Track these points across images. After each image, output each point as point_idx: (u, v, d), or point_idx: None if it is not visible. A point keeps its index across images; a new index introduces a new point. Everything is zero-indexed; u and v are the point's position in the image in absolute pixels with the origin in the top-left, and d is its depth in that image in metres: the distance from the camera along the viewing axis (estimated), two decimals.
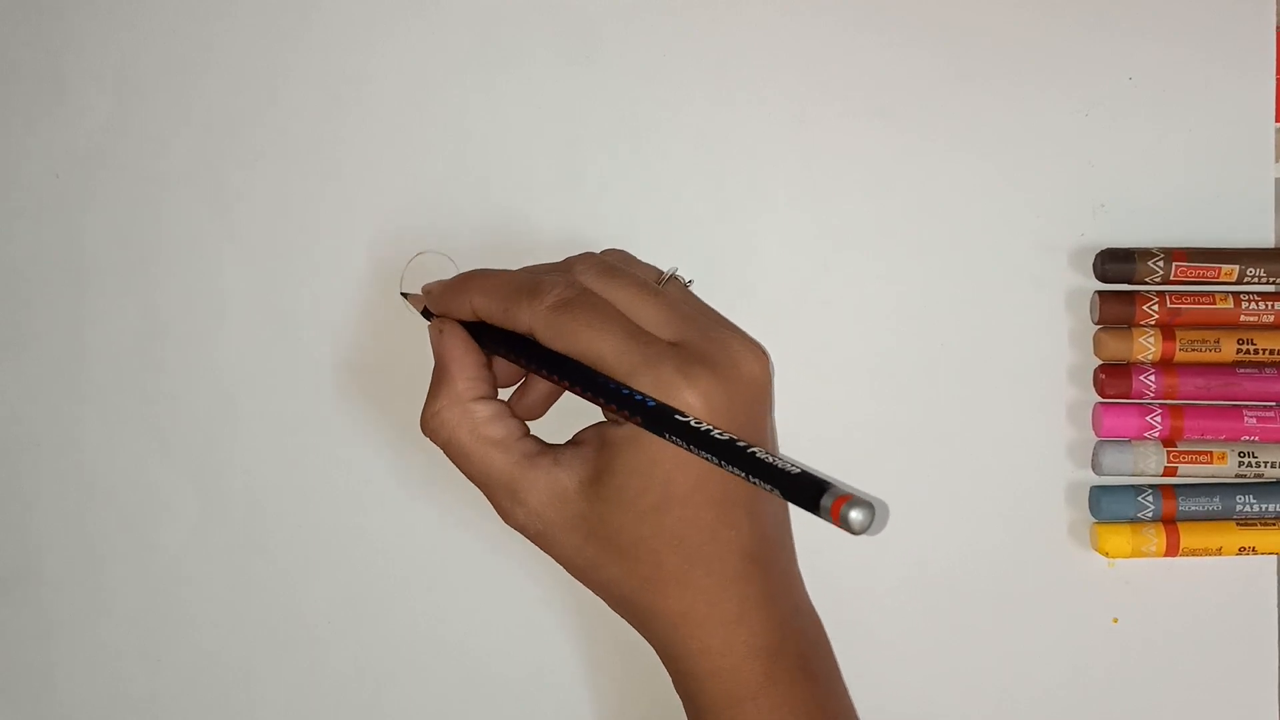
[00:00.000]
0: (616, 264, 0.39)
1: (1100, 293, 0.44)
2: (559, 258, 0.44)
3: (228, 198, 0.45)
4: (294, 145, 0.45)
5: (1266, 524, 0.43)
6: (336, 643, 0.45)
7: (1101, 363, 0.44)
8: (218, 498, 0.45)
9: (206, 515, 0.45)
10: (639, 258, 0.42)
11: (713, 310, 0.40)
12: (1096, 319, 0.44)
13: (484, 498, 0.38)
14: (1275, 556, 0.44)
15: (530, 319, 0.37)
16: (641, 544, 0.37)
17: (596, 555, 0.37)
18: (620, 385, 0.36)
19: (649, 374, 0.35)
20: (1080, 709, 0.44)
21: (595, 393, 0.36)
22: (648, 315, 0.37)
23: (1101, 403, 0.44)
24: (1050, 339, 0.44)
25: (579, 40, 0.45)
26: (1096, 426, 0.44)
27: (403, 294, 0.43)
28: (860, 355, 0.44)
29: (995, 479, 0.44)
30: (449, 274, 0.41)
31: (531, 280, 0.38)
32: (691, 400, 0.35)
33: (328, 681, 0.45)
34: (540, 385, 0.41)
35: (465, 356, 0.39)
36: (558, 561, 0.38)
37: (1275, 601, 0.44)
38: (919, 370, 0.44)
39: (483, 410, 0.38)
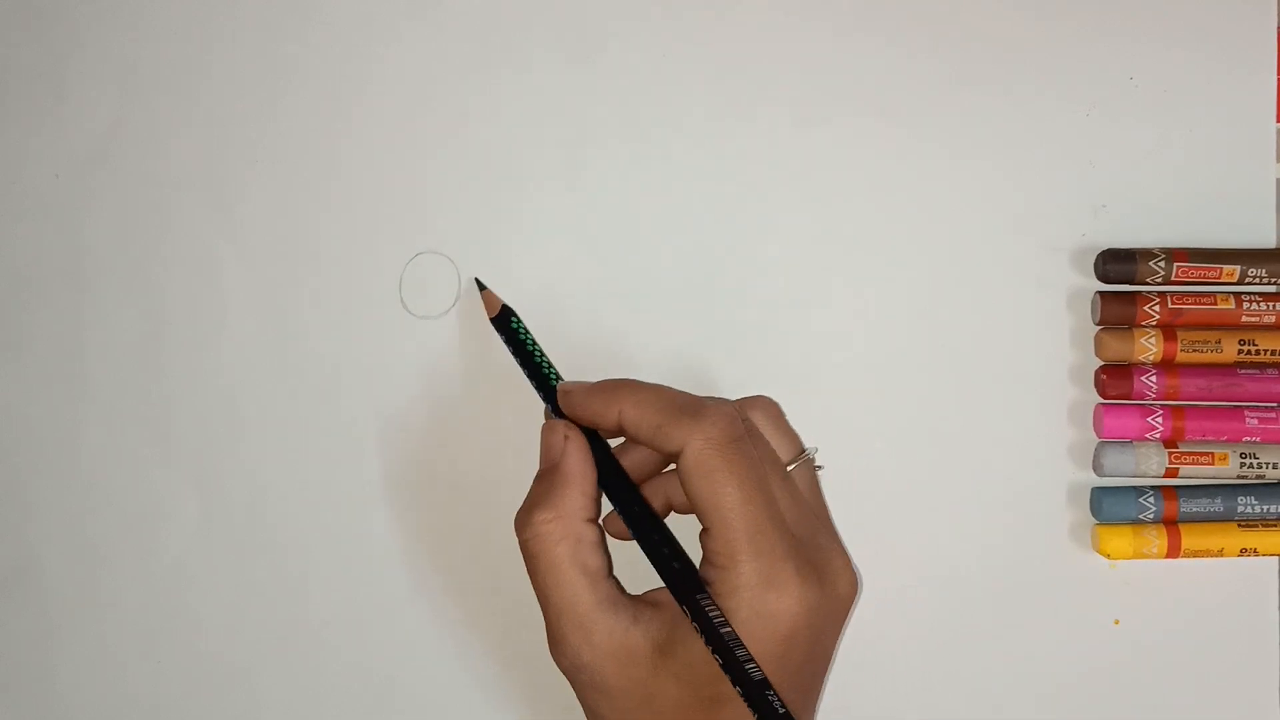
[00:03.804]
0: (769, 421, 0.39)
1: (1101, 293, 0.44)
2: (559, 258, 0.44)
3: (228, 199, 0.45)
4: (294, 146, 0.45)
5: (1268, 525, 0.43)
6: (337, 644, 0.44)
7: (1103, 363, 0.44)
8: (218, 498, 0.45)
9: (207, 515, 0.45)
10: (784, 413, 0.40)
11: (825, 508, 0.40)
12: (1098, 319, 0.44)
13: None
14: (1276, 558, 0.44)
15: (685, 441, 0.35)
16: None
17: None
18: (690, 582, 0.35)
19: (766, 561, 0.35)
20: (1081, 710, 0.44)
21: (662, 571, 0.36)
22: (778, 493, 0.36)
23: (1103, 404, 0.44)
24: (1051, 339, 0.44)
25: (580, 41, 0.45)
26: (1098, 427, 0.44)
27: (478, 281, 0.42)
28: (861, 356, 0.44)
29: (996, 480, 0.44)
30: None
31: (695, 402, 0.36)
32: (792, 605, 0.35)
33: (328, 682, 0.44)
34: None
35: (589, 472, 0.37)
36: (591, 713, 0.37)
37: (1276, 603, 0.44)
38: (919, 371, 0.44)
39: (589, 535, 0.37)
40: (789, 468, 0.38)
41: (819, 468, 0.40)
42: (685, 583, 0.36)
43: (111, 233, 0.45)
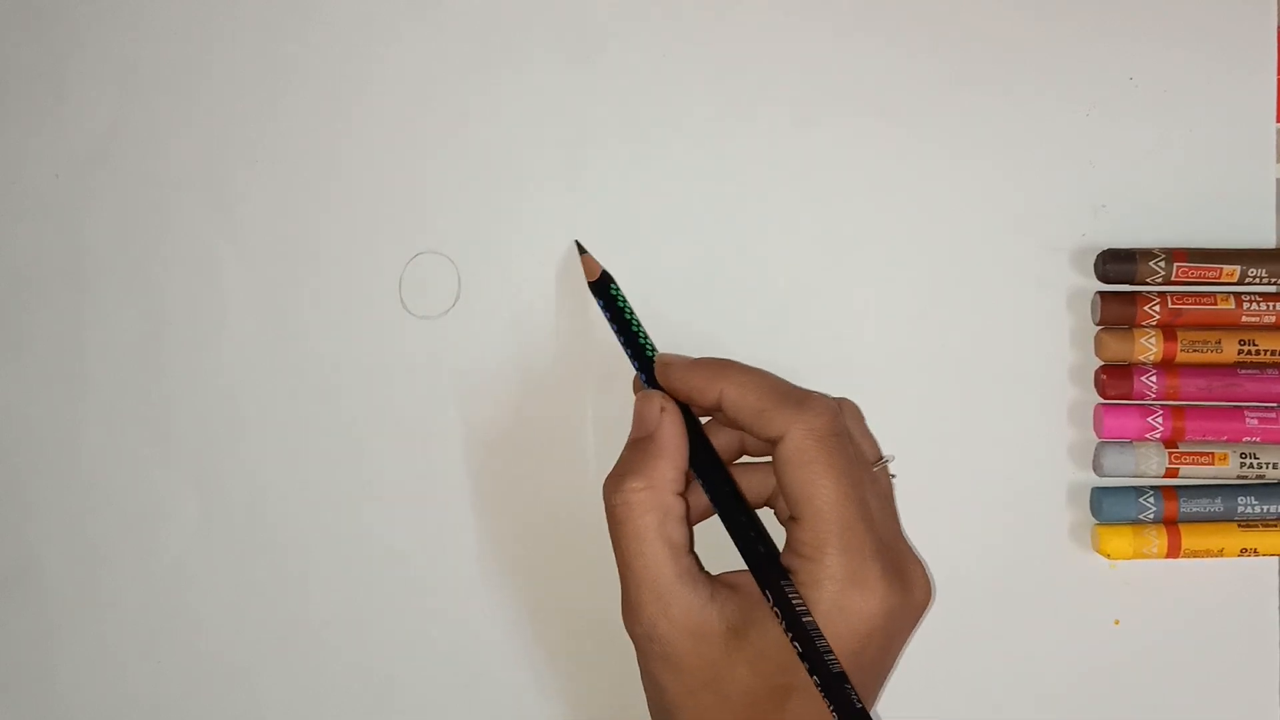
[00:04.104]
0: (854, 423, 0.39)
1: (1101, 293, 0.44)
2: (559, 259, 0.44)
3: (228, 199, 0.45)
4: (294, 146, 0.45)
5: (1268, 525, 0.43)
6: (337, 644, 0.44)
7: (1103, 363, 0.44)
8: (218, 498, 0.45)
9: (207, 515, 0.45)
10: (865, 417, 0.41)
11: (898, 515, 0.40)
12: (1097, 319, 0.44)
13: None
14: (1277, 558, 0.44)
15: (787, 428, 0.36)
16: (754, 712, 0.35)
17: (704, 703, 0.36)
18: (775, 568, 0.36)
19: (854, 557, 0.35)
20: (1081, 710, 0.44)
21: (747, 553, 0.37)
22: (869, 493, 0.37)
23: (1103, 404, 0.44)
24: (1051, 340, 0.44)
25: (580, 41, 0.45)
26: (1098, 428, 0.44)
27: (578, 245, 0.42)
28: (861, 356, 0.44)
29: (996, 480, 0.44)
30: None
31: (799, 391, 0.37)
32: (874, 605, 0.35)
33: (329, 683, 0.44)
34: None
35: (682, 445, 0.37)
36: (653, 686, 0.37)
37: (1276, 603, 0.44)
38: (919, 371, 0.44)
39: (677, 507, 0.37)
40: (873, 469, 0.39)
41: (894, 476, 0.40)
42: (770, 567, 0.36)
43: (111, 233, 0.45)
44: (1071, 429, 0.44)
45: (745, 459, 0.41)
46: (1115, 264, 0.43)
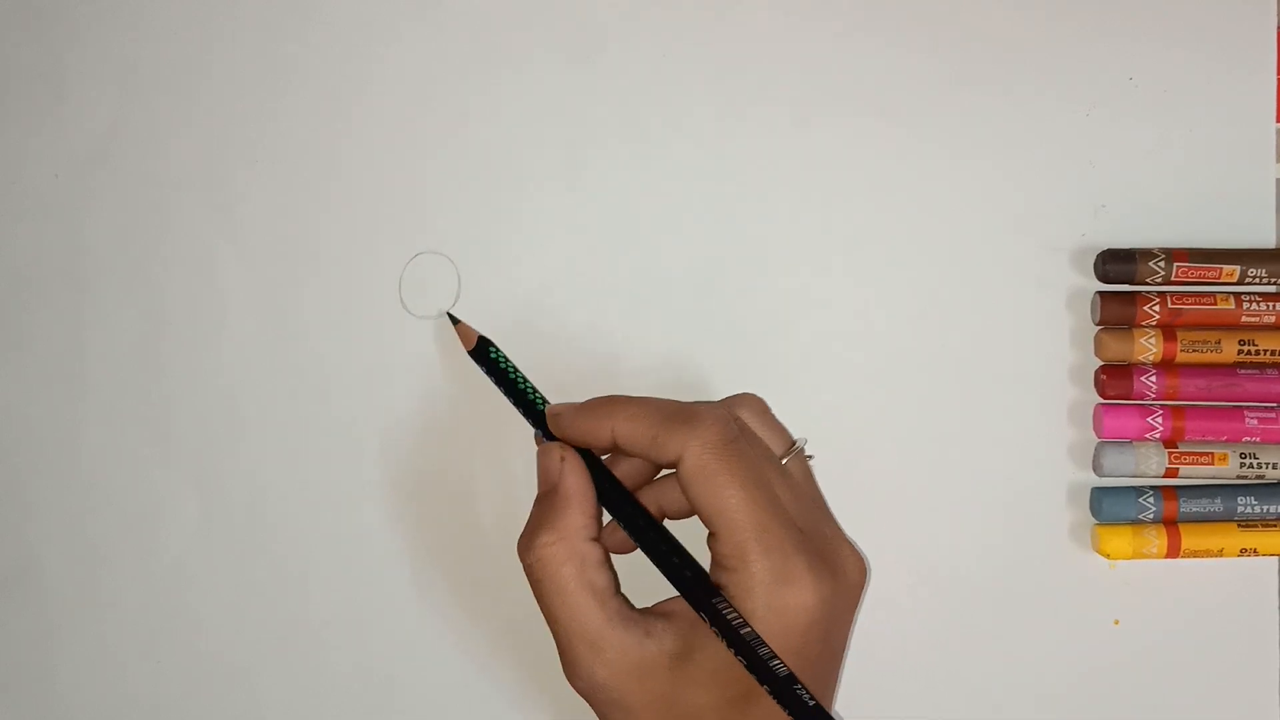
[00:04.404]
0: (756, 417, 0.39)
1: (1101, 293, 0.44)
2: (559, 259, 0.44)
3: (228, 199, 0.45)
4: (294, 146, 0.45)
5: (1268, 525, 0.43)
6: (337, 644, 0.44)
7: (1102, 363, 0.44)
8: (218, 498, 0.45)
9: (207, 515, 0.45)
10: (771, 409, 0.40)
11: (823, 497, 0.40)
12: (1097, 319, 0.44)
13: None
14: (1276, 558, 0.44)
15: (682, 449, 0.35)
16: None
17: None
18: (704, 588, 0.36)
19: (776, 557, 0.35)
20: (1081, 710, 0.44)
21: (674, 580, 0.36)
22: (779, 488, 0.37)
23: (1102, 404, 0.44)
24: (1051, 340, 0.44)
25: (580, 41, 0.45)
26: (1097, 428, 0.44)
27: (450, 316, 0.43)
28: (861, 356, 0.44)
29: (996, 480, 0.44)
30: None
31: (686, 409, 0.37)
32: (808, 598, 0.35)
33: (328, 682, 0.44)
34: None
35: (588, 491, 0.37)
36: None
37: (1276, 603, 0.44)
38: (919, 371, 0.44)
39: (593, 554, 0.36)
40: (783, 461, 0.38)
41: (810, 457, 0.40)
42: (699, 588, 0.36)
43: (111, 233, 0.45)
44: (1071, 429, 0.44)
45: (663, 473, 0.41)
46: (1115, 264, 0.43)
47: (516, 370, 0.41)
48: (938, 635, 0.44)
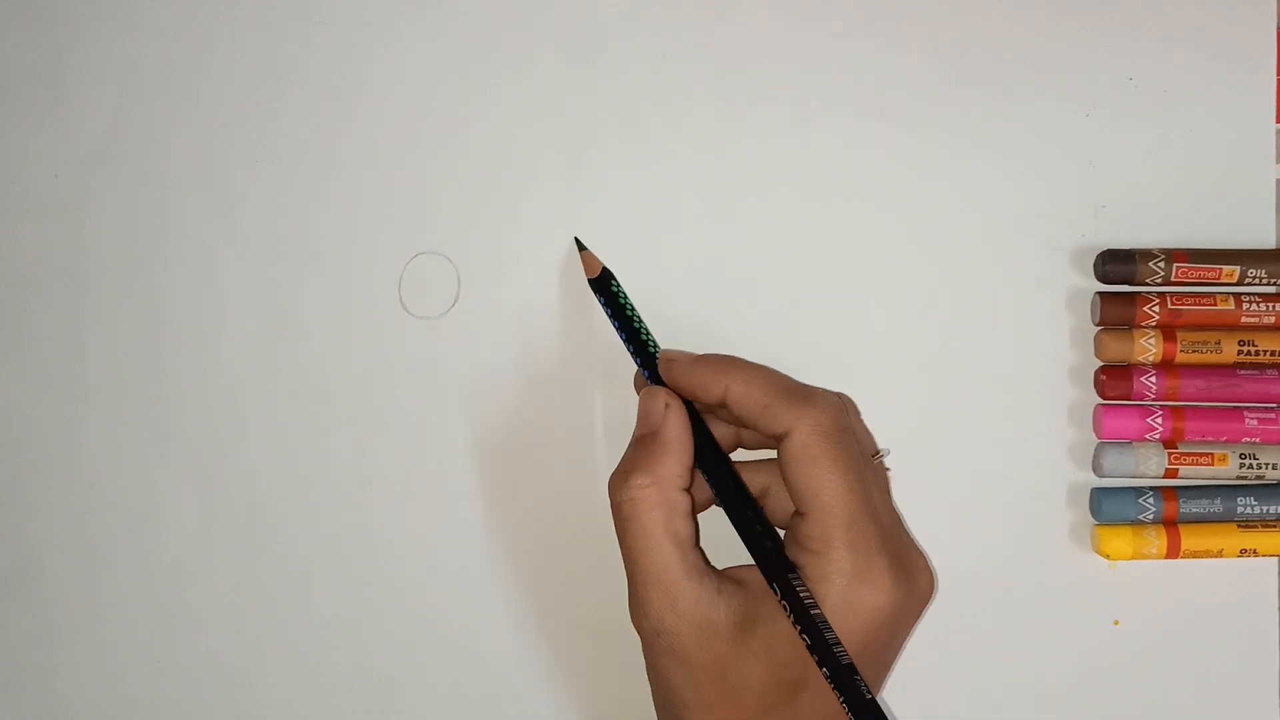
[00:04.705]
0: (853, 417, 0.39)
1: (1101, 293, 0.44)
2: (559, 260, 0.44)
3: (228, 198, 0.45)
4: (294, 146, 0.45)
5: (1268, 526, 0.43)
6: (338, 644, 0.44)
7: (1102, 364, 0.44)
8: (218, 498, 0.45)
9: (207, 515, 0.45)
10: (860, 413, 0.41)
11: (897, 508, 0.40)
12: (1097, 320, 0.44)
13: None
14: (1276, 559, 0.44)
15: (794, 424, 0.36)
16: (764, 706, 0.35)
17: (712, 699, 0.36)
18: (782, 561, 0.36)
19: (860, 551, 0.35)
20: (1081, 710, 0.44)
21: (753, 548, 0.37)
22: (873, 488, 0.37)
23: (1102, 404, 0.44)
24: (1051, 340, 0.44)
25: (580, 41, 0.45)
26: (1097, 428, 0.44)
27: (577, 241, 0.42)
28: (860, 356, 0.44)
29: (996, 480, 0.44)
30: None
31: (804, 388, 0.37)
32: (881, 599, 0.35)
33: (329, 683, 0.44)
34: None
35: (687, 441, 0.37)
36: (660, 682, 0.37)
37: (1276, 604, 0.44)
38: (919, 372, 0.44)
39: (683, 503, 0.37)
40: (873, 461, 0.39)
41: (889, 470, 0.41)
42: (777, 560, 0.36)
43: (111, 233, 0.45)
44: (1071, 429, 0.44)
45: (739, 454, 0.41)
46: (1115, 264, 0.43)
47: (635, 309, 0.41)
48: (937, 635, 0.44)
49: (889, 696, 0.44)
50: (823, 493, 0.35)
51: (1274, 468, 0.43)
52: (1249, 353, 0.43)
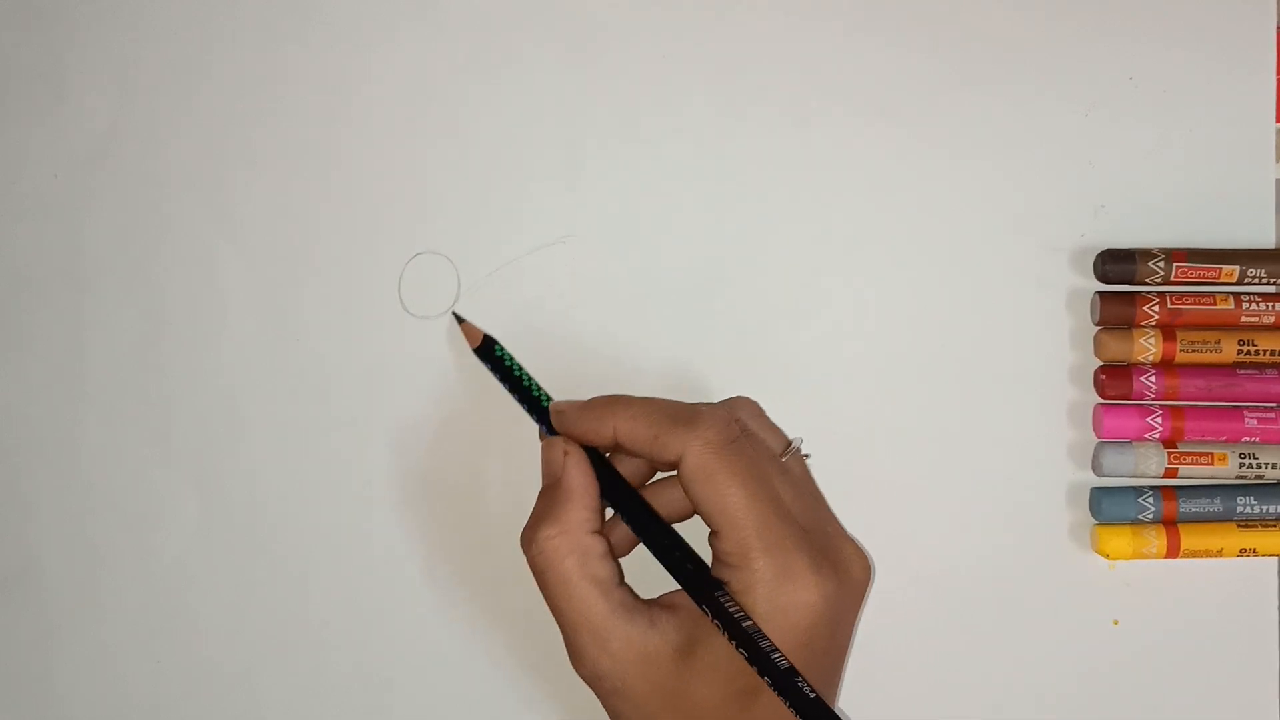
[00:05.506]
0: (753, 420, 0.39)
1: (1101, 293, 0.44)
2: (559, 259, 0.44)
3: (228, 199, 0.45)
4: (294, 146, 0.45)
5: (1267, 525, 0.43)
6: (337, 644, 0.44)
7: (1102, 364, 0.44)
8: (218, 498, 0.45)
9: (207, 516, 0.45)
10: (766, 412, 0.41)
11: (822, 496, 0.40)
12: (1097, 320, 0.44)
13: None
14: (1276, 558, 0.44)
15: (683, 448, 0.36)
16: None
17: None
18: (706, 582, 0.36)
19: (778, 555, 0.35)
20: (1081, 710, 0.44)
21: (676, 574, 0.37)
22: (780, 487, 0.37)
23: (1102, 404, 0.44)
24: (1051, 340, 0.44)
25: (578, 40, 0.45)
26: (1097, 428, 0.44)
27: (455, 315, 0.43)
28: (860, 356, 0.44)
29: (996, 480, 0.44)
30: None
31: (688, 410, 0.37)
32: (810, 596, 0.35)
33: (328, 682, 0.44)
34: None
35: (590, 485, 0.38)
36: None
37: (1276, 603, 0.44)
38: (919, 371, 0.44)
39: (596, 546, 0.37)
40: (782, 459, 0.38)
41: (806, 456, 0.40)
42: (701, 581, 0.36)
43: (111, 233, 0.45)
44: (1071, 429, 0.44)
45: (660, 475, 0.41)
46: (1115, 264, 0.43)
47: (521, 369, 0.41)
48: (937, 635, 0.44)
49: (887, 696, 0.44)
50: (728, 507, 0.35)
51: (1274, 467, 0.43)
52: (1249, 352, 0.43)
